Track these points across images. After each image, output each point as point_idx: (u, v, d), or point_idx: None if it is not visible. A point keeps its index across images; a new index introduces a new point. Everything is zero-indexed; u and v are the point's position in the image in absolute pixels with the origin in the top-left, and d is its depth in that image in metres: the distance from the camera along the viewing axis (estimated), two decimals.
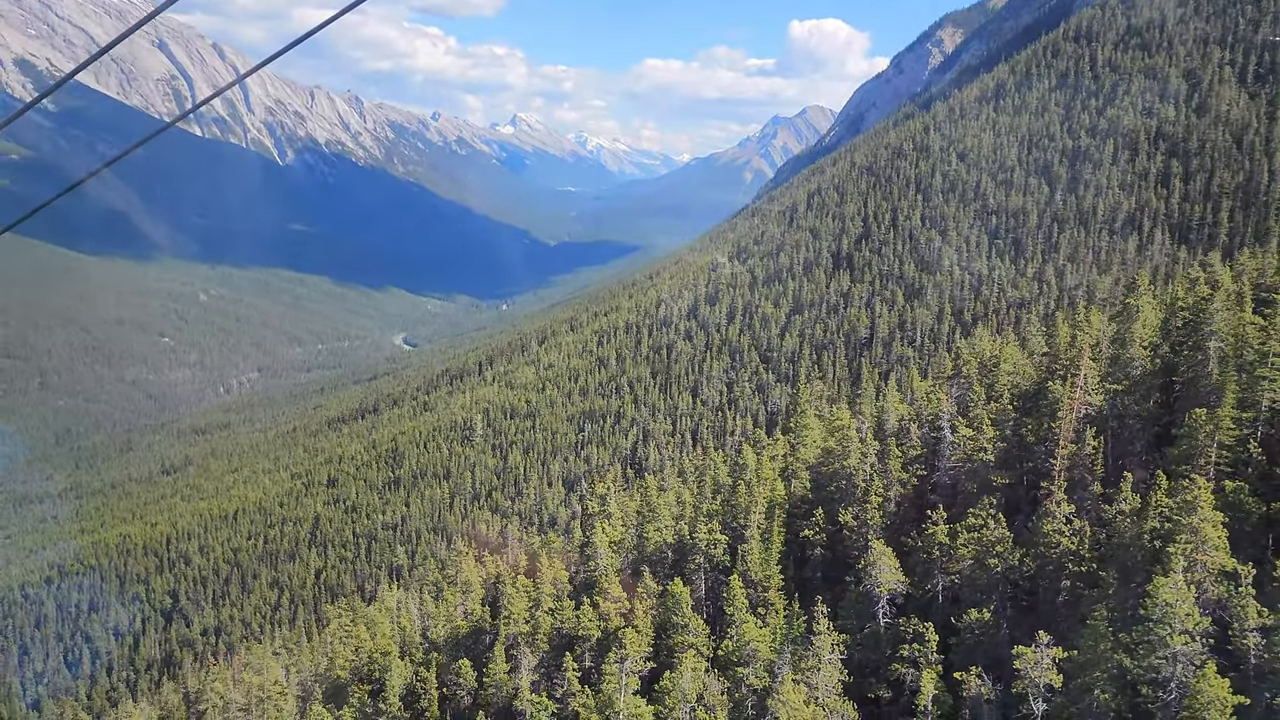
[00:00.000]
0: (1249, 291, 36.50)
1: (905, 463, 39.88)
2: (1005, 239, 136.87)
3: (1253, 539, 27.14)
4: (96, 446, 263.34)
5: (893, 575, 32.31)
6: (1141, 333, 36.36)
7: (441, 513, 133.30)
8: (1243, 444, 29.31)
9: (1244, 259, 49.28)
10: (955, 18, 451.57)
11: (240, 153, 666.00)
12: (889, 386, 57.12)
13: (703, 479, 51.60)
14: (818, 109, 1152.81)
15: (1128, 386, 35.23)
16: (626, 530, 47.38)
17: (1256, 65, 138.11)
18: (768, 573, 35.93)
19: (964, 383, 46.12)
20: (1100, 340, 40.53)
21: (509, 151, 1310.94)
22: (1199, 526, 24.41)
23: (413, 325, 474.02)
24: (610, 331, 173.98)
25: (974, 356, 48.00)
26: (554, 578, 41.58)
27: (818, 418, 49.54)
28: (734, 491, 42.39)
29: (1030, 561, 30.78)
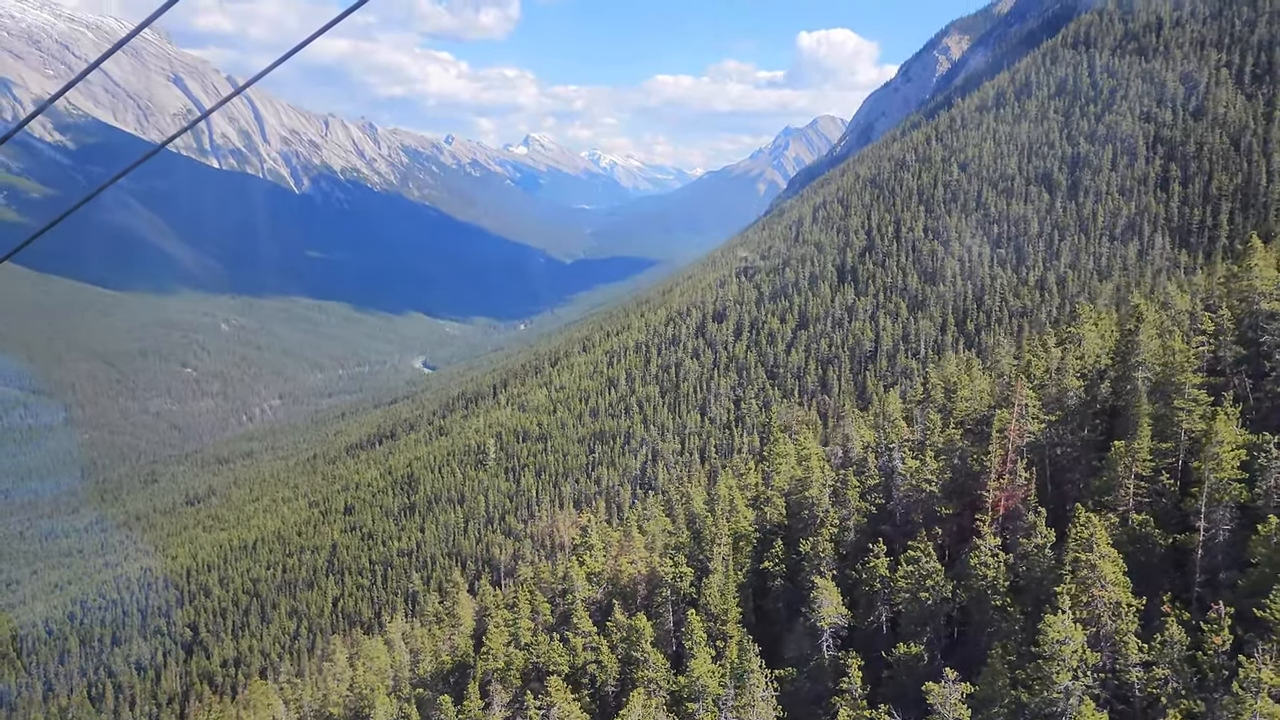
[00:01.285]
0: (1197, 312, 37.28)
1: (863, 492, 40.87)
2: (1007, 248, 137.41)
3: (1160, 570, 27.98)
4: (121, 479, 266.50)
5: (834, 609, 33.30)
6: (1075, 364, 37.26)
7: (455, 538, 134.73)
8: (1159, 475, 30.19)
9: (1203, 280, 49.70)
10: (961, 24, 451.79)
11: (257, 183, 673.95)
12: (851, 416, 57.99)
13: (675, 510, 52.65)
14: (829, 118, 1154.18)
15: (1062, 416, 36.15)
16: (607, 561, 48.53)
17: (1253, 66, 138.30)
18: (725, 606, 36.97)
19: (932, 407, 47.08)
20: (1047, 368, 41.37)
21: (523, 172, 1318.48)
22: (1096, 563, 25.30)
23: (432, 348, 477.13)
24: (620, 351, 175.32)
25: (940, 381, 48.95)
26: (534, 609, 42.76)
27: (793, 443, 50.49)
28: (704, 522, 43.50)
29: (962, 594, 31.73)
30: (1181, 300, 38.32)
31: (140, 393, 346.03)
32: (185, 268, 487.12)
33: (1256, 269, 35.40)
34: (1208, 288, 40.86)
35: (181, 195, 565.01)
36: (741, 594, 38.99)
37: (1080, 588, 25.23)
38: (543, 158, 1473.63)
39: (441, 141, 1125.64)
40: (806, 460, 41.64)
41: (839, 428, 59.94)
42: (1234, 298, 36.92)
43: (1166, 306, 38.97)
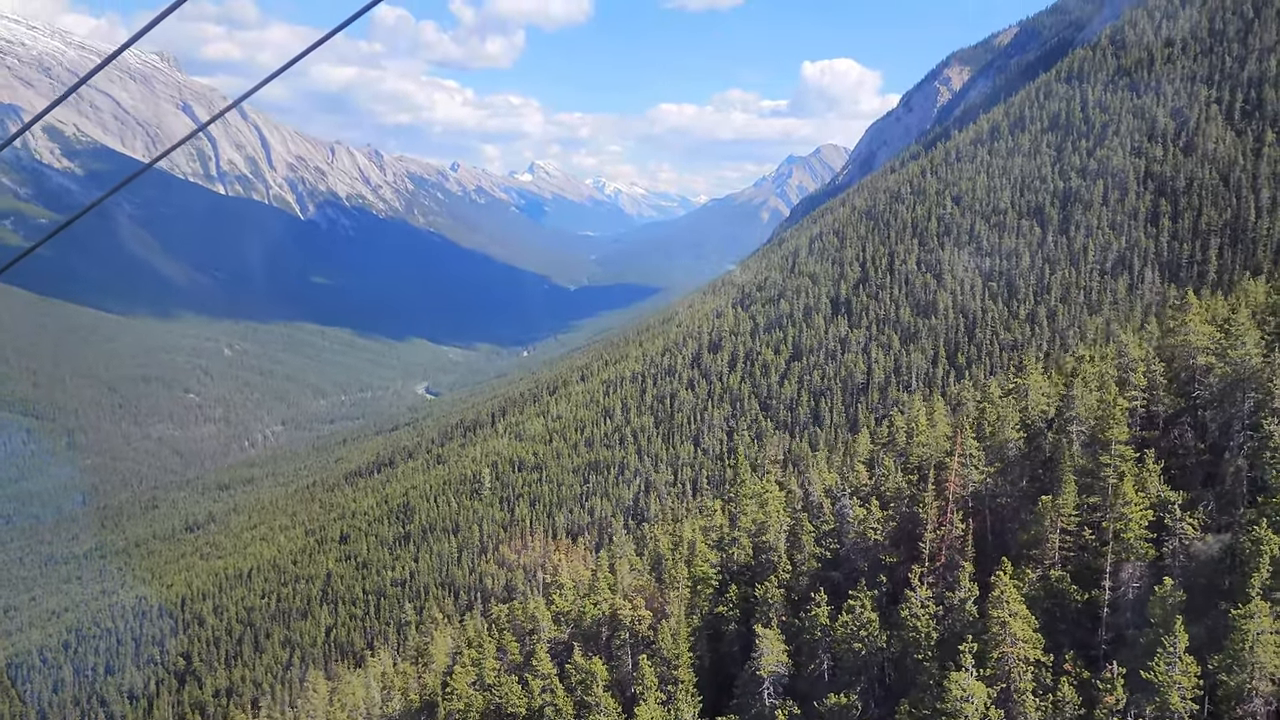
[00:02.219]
0: (1149, 359, 38.01)
1: (818, 537, 41.54)
2: (999, 281, 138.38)
3: (1078, 625, 28.63)
4: (122, 505, 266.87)
5: (774, 658, 33.94)
6: (1014, 416, 38.08)
7: (449, 567, 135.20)
8: (1083, 530, 30.89)
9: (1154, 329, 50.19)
10: (962, 55, 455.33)
11: (262, 209, 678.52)
12: (812, 459, 58.85)
13: (647, 549, 53.27)
14: (832, 147, 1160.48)
15: (1001, 468, 36.94)
16: (575, 601, 49.12)
17: (1243, 103, 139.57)
18: (678, 650, 37.56)
19: (893, 451, 47.86)
20: (997, 416, 42.15)
21: (528, 199, 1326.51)
22: (1006, 619, 26.01)
23: (434, 374, 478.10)
24: (617, 381, 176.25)
25: (904, 424, 49.74)
26: (501, 648, 43.37)
27: (760, 483, 51.19)
28: (666, 564, 44.15)
29: (895, 645, 32.36)
30: (1137, 350, 39.11)
31: (143, 418, 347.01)
32: (190, 293, 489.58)
33: (1192, 324, 36.28)
34: (1138, 345, 41.58)
35: (187, 221, 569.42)
36: (698, 638, 39.60)
37: (992, 644, 25.93)
38: (548, 185, 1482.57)
39: (447, 168, 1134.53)
40: (765, 503, 42.35)
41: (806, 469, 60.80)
42: (1170, 352, 37.80)
43: (1120, 355, 39.79)
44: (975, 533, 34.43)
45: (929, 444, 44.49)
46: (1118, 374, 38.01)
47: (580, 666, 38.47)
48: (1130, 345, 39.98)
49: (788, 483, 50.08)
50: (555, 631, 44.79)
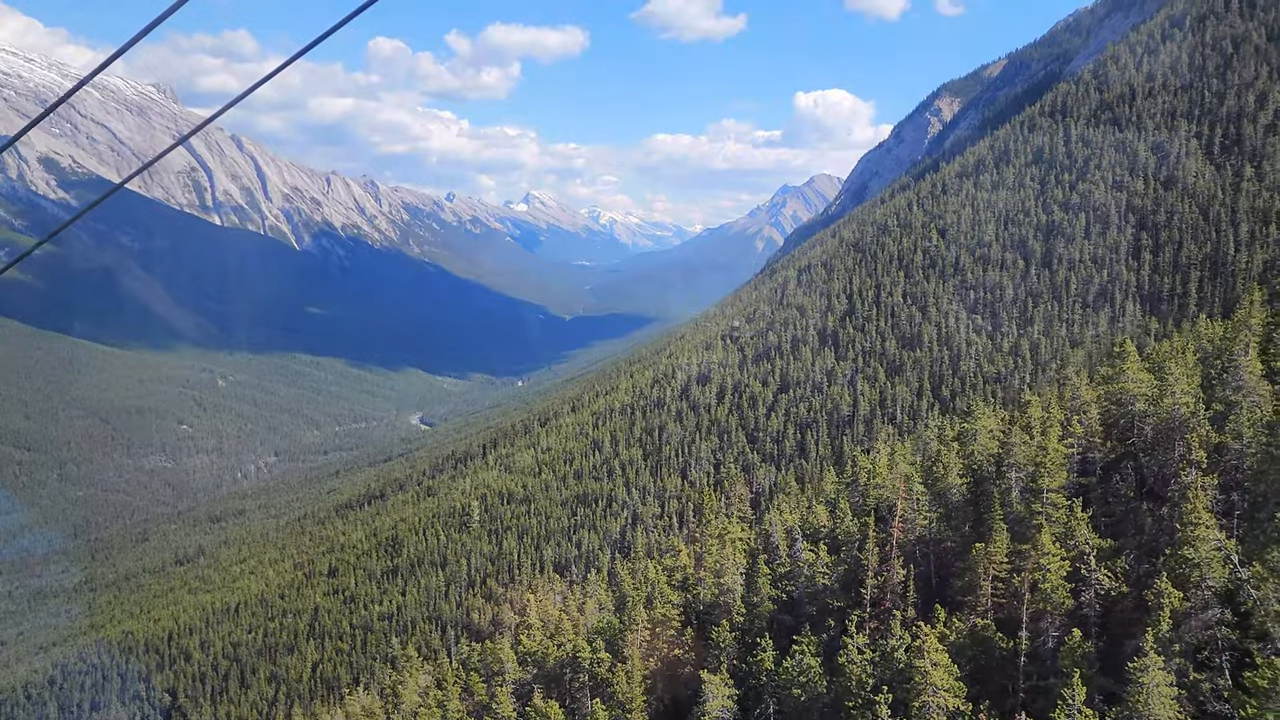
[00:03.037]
0: (1086, 406, 38.74)
1: (774, 579, 42.05)
2: (983, 314, 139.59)
3: (1003, 674, 29.15)
4: (113, 538, 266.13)
5: (720, 703, 34.36)
6: (958, 463, 38.77)
7: (436, 601, 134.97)
8: (1014, 577, 31.47)
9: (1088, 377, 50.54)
10: (952, 87, 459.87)
11: (258, 240, 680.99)
12: (786, 498, 59.42)
13: (619, 589, 53.58)
14: (825, 177, 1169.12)
15: (944, 513, 37.57)
16: (542, 641, 49.41)
17: (1222, 138, 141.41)
18: (632, 694, 37.96)
19: (854, 492, 48.48)
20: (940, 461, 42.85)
21: (523, 229, 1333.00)
22: (928, 669, 26.55)
23: (429, 404, 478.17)
24: (607, 413, 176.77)
25: (867, 465, 50.34)
26: (467, 689, 43.68)
27: (724, 523, 51.74)
28: (627, 605, 44.57)
29: (833, 692, 32.77)
30: (1088, 393, 39.83)
31: (135, 449, 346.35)
32: (184, 324, 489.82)
33: (1129, 371, 37.06)
34: (1089, 388, 42.22)
35: (183, 251, 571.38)
36: (655, 680, 39.97)
37: (914, 693, 26.43)
38: (543, 215, 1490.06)
39: (442, 198, 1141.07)
40: (723, 545, 42.88)
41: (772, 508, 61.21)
42: (1109, 399, 38.58)
43: (1073, 397, 40.52)
44: (920, 578, 34.96)
45: (885, 486, 45.12)
46: (1066, 416, 38.75)
47: (538, 709, 38.84)
48: (1082, 388, 40.75)
49: (761, 521, 50.46)
50: (520, 673, 45.07)
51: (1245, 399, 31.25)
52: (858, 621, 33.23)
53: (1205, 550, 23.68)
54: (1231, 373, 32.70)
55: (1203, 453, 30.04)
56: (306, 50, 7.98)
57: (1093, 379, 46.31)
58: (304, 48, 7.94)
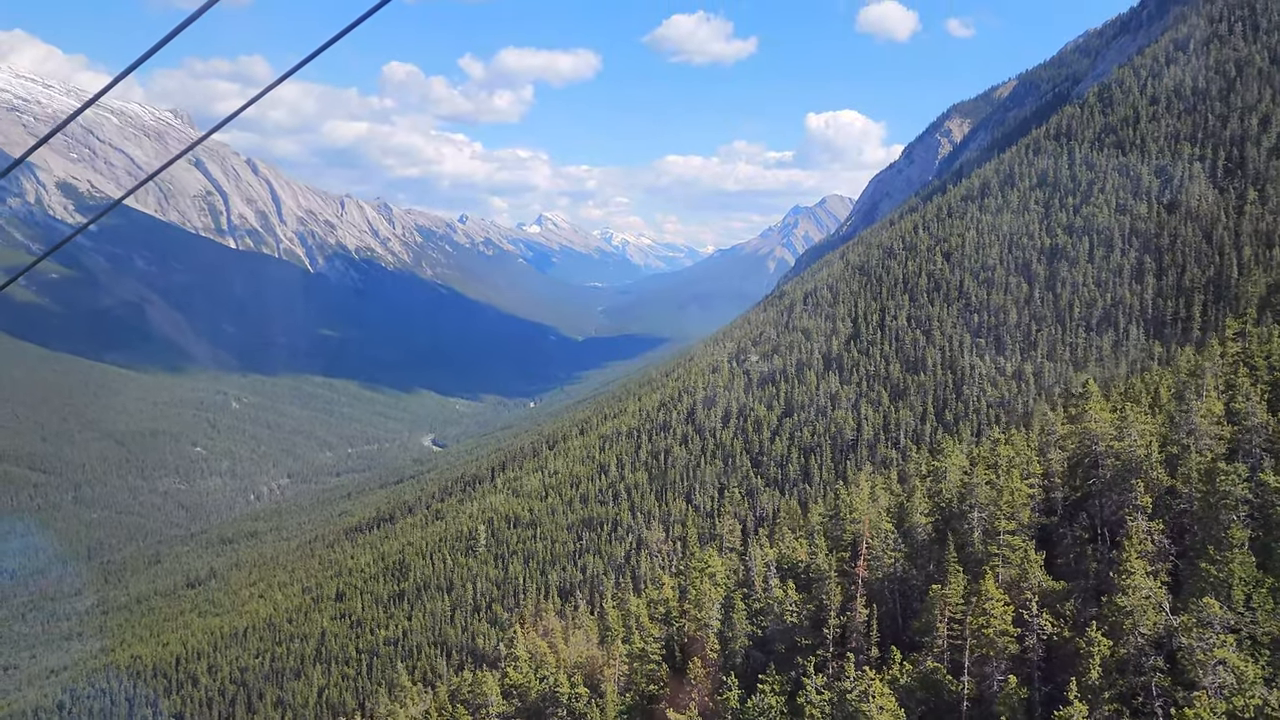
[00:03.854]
0: (1049, 446, 39.10)
1: (751, 615, 42.42)
2: (987, 337, 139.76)
3: (951, 716, 29.47)
4: (126, 560, 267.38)
5: None
6: (923, 503, 39.21)
7: (442, 626, 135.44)
8: (966, 618, 31.84)
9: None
10: (962, 108, 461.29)
11: (272, 263, 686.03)
12: (757, 537, 59.78)
13: (605, 621, 53.99)
14: (837, 198, 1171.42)
15: (909, 553, 37.97)
16: (527, 674, 49.80)
17: (1225, 161, 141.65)
18: None
19: (839, 525, 48.83)
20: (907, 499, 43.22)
21: (536, 250, 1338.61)
22: (873, 714, 26.96)
23: (441, 426, 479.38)
24: (614, 436, 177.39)
25: (849, 498, 50.71)
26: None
27: (707, 555, 52.09)
28: (610, 638, 45.06)
29: None
30: (1063, 428, 40.21)
31: (149, 472, 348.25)
32: (199, 346, 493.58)
33: (1092, 412, 37.50)
34: (1044, 425, 42.61)
35: (198, 274, 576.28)
36: (632, 717, 40.31)
37: None
38: (555, 236, 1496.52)
39: (455, 221, 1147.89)
40: (702, 579, 43.30)
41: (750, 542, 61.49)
42: (1073, 440, 38.99)
43: (1046, 433, 40.94)
44: (886, 616, 35.33)
45: (860, 521, 45.48)
46: (1033, 454, 39.16)
47: None
48: (1056, 423, 41.13)
49: (749, 552, 50.88)
50: (503, 706, 45.52)
51: (1196, 442, 31.67)
52: (819, 662, 33.64)
53: (1136, 599, 24.08)
54: (1183, 416, 33.12)
55: (1148, 498, 30.46)
56: (297, 68, 8.25)
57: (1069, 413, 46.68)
58: (298, 64, 8.16)
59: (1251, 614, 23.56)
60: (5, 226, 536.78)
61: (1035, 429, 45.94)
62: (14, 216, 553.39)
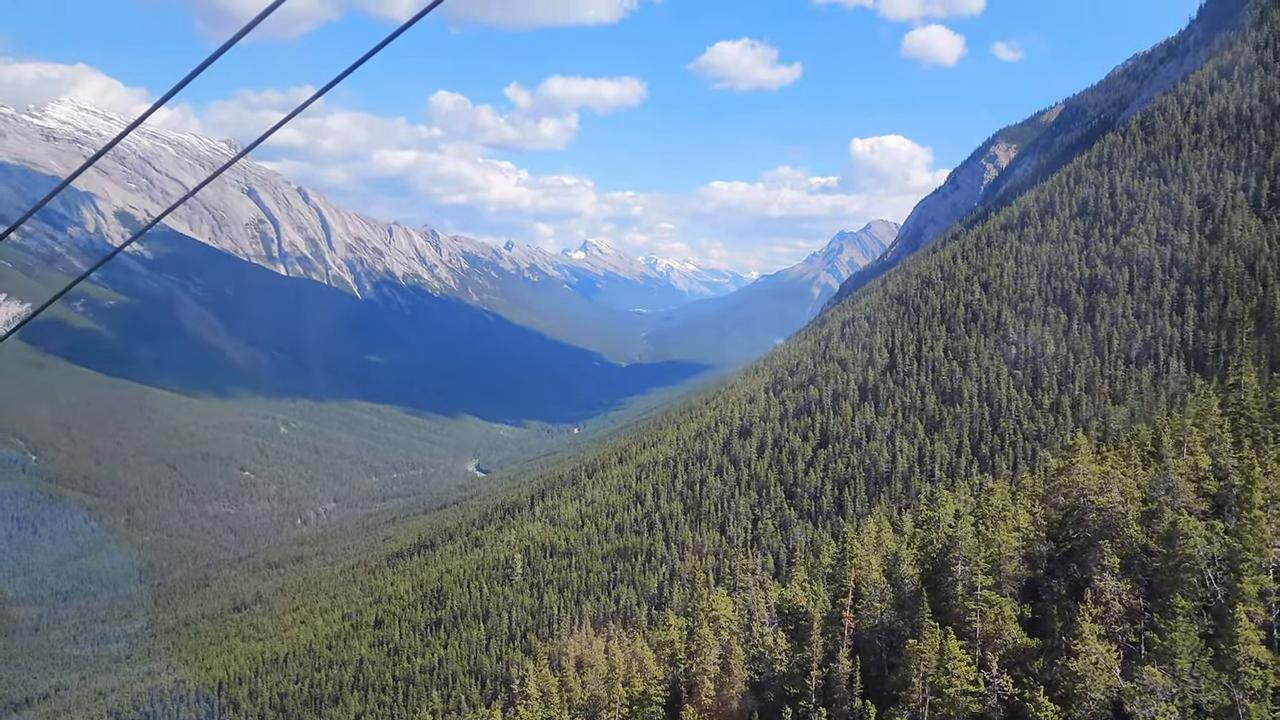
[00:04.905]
0: (1033, 498, 39.05)
1: (748, 661, 42.74)
2: (1024, 370, 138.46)
3: None
4: (175, 583, 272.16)
5: None
6: (910, 554, 39.37)
7: (477, 655, 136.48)
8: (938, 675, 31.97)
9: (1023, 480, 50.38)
10: (1008, 133, 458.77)
11: (321, 289, 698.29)
12: (762, 579, 59.97)
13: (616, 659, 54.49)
14: (882, 223, 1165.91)
15: (895, 602, 38.12)
16: (537, 712, 50.47)
17: (1269, 190, 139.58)
18: None
19: (844, 569, 48.98)
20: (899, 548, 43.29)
21: (580, 276, 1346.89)
22: None
23: (485, 452, 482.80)
24: (651, 466, 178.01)
25: (854, 542, 50.79)
26: None
27: (714, 597, 52.45)
28: (614, 679, 45.59)
29: None
30: (1058, 481, 40.29)
31: (199, 495, 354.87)
32: (249, 371, 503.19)
33: (1079, 465, 37.51)
34: (1032, 485, 42.50)
35: (249, 301, 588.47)
36: None
37: None
38: (600, 262, 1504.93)
39: (501, 247, 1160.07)
40: (706, 622, 43.76)
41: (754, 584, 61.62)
42: (1060, 493, 38.97)
43: (1048, 482, 40.97)
44: (873, 667, 35.56)
45: (861, 568, 45.64)
46: (1024, 506, 39.19)
47: None
48: (1055, 469, 41.16)
49: (754, 595, 51.10)
50: None
51: (1170, 502, 31.67)
52: (802, 713, 33.99)
53: (1085, 663, 24.29)
54: (1161, 474, 33.14)
55: (1115, 558, 30.51)
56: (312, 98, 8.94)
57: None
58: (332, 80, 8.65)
59: (1195, 682, 23.65)
60: (66, 255, 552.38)
61: (1037, 477, 45.92)
62: (74, 245, 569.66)
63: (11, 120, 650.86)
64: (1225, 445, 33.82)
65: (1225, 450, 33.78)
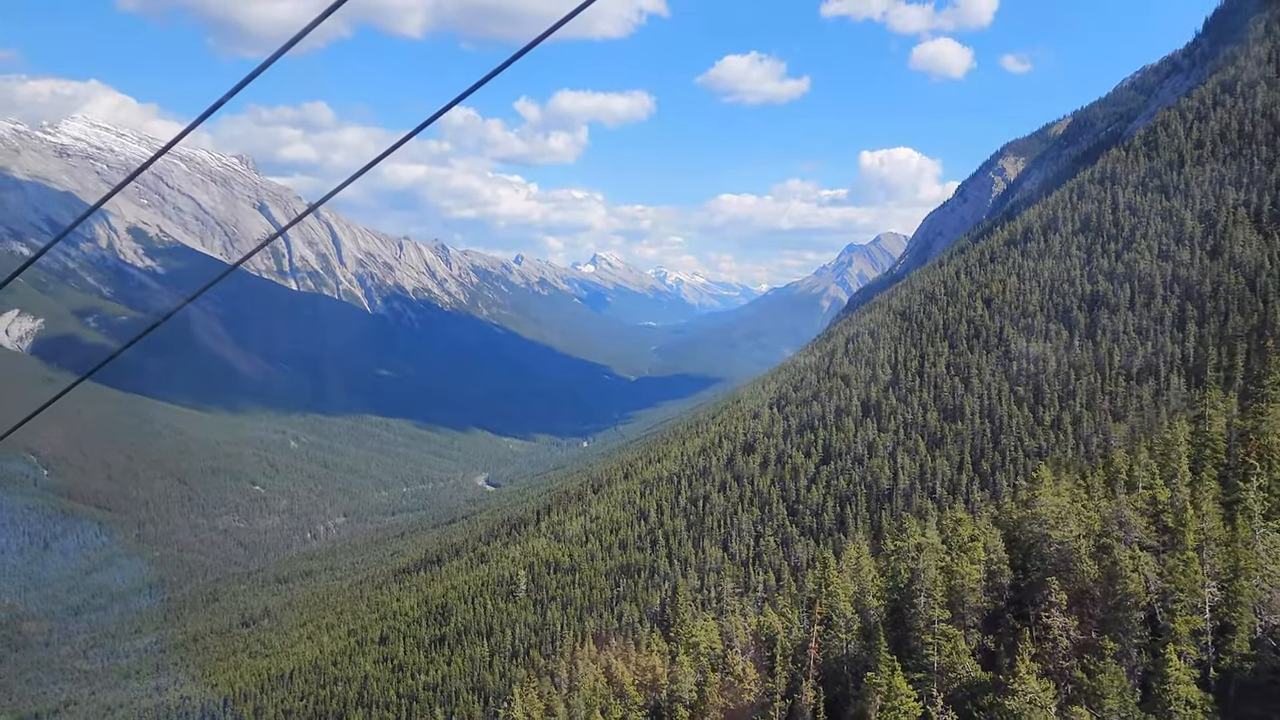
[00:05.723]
0: (989, 532, 39.41)
1: (723, 688, 43.22)
2: (1025, 386, 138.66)
3: None
4: (185, 597, 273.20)
5: None
6: (874, 584, 39.90)
7: (480, 672, 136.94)
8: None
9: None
10: (1016, 146, 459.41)
11: (332, 303, 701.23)
12: (739, 611, 60.35)
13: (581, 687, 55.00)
14: (892, 235, 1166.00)
15: (860, 632, 38.61)
16: None
17: (1270, 206, 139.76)
18: None
19: (819, 598, 49.41)
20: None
21: (590, 290, 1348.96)
22: None
23: (494, 466, 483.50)
24: (655, 482, 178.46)
25: (833, 568, 51.23)
26: None
27: (696, 623, 52.98)
28: (594, 704, 46.18)
29: None
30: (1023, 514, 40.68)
31: (210, 510, 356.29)
32: (259, 386, 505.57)
33: (1042, 497, 38.01)
34: (1005, 513, 42.85)
35: (260, 316, 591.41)
36: None
37: None
38: (610, 276, 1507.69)
39: (511, 261, 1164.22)
40: (685, 649, 44.31)
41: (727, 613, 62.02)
42: (1023, 525, 39.40)
43: (1024, 507, 41.47)
44: (840, 699, 36.02)
45: (835, 595, 46.07)
46: (1002, 531, 39.65)
47: None
48: (1021, 500, 41.65)
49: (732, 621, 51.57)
50: None
51: (1123, 536, 32.13)
52: None
53: (1020, 701, 24.82)
54: (1115, 508, 33.61)
55: (1063, 594, 31.00)
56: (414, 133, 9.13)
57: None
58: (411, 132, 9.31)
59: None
60: (79, 271, 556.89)
61: (1008, 505, 46.38)
62: (86, 261, 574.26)
63: (26, 137, 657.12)
64: (1184, 479, 34.27)
65: (1184, 483, 34.23)
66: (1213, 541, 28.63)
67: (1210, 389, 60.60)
